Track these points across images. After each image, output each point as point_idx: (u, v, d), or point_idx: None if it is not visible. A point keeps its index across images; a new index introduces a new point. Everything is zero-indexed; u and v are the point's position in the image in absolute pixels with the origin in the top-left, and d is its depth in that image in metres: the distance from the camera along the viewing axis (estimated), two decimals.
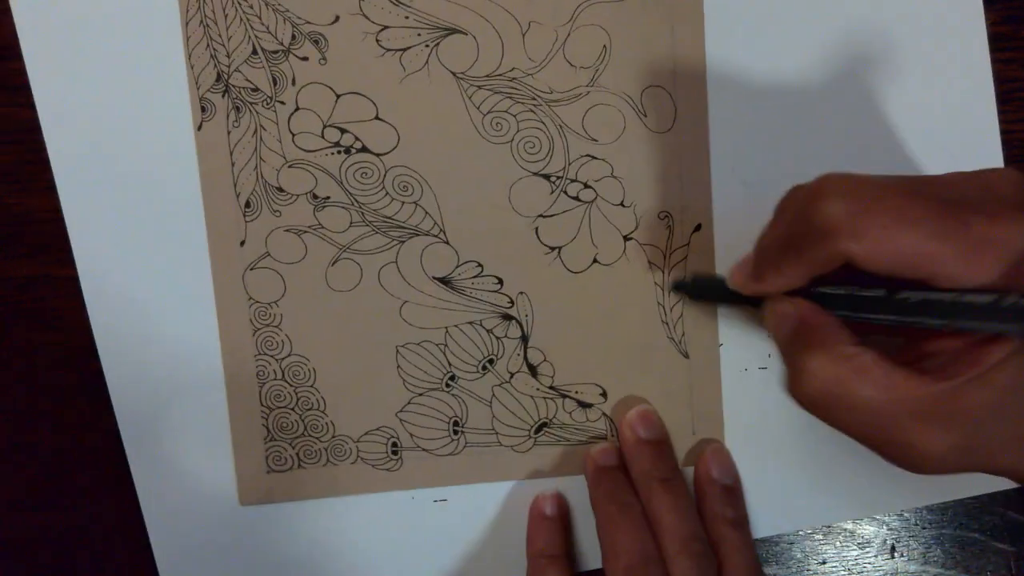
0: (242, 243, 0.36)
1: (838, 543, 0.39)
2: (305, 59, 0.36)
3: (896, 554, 0.39)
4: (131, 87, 0.36)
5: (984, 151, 0.37)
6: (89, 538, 0.39)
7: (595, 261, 0.37)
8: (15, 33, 0.35)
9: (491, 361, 0.37)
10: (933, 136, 0.37)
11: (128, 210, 0.36)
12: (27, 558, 0.39)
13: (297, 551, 0.38)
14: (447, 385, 0.38)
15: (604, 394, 0.38)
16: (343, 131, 0.36)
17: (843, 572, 0.39)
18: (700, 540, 0.34)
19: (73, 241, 0.36)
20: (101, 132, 0.36)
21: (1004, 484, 0.38)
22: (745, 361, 0.38)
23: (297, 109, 0.36)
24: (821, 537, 0.39)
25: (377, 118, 0.36)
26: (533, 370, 0.38)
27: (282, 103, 0.36)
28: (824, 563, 0.39)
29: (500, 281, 0.37)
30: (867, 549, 0.39)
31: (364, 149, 0.36)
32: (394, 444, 0.38)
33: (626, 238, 0.37)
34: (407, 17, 0.35)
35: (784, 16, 0.36)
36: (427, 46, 0.36)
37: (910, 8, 0.36)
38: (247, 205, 0.36)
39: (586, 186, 0.37)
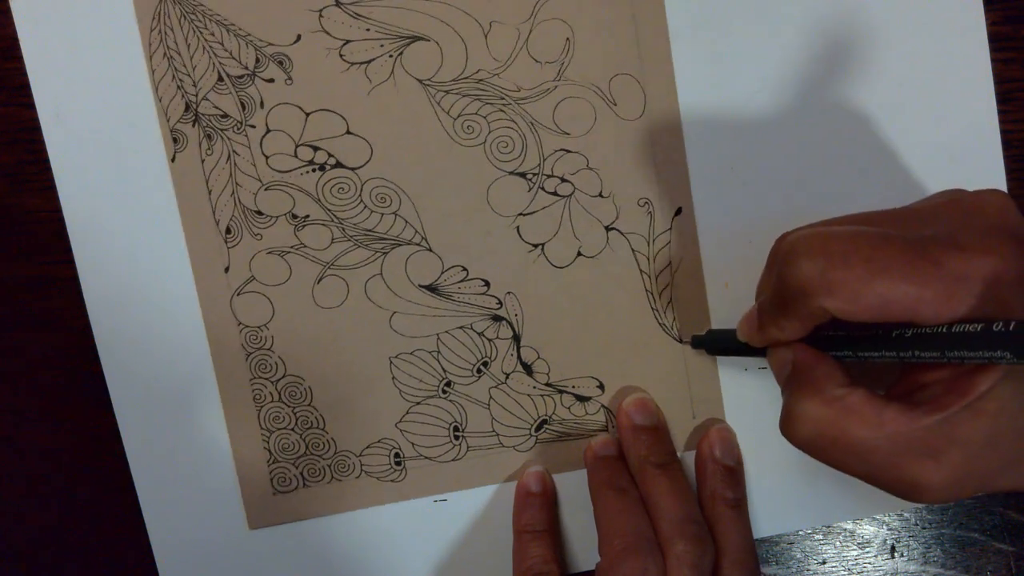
0: (226, 269, 0.37)
1: (838, 543, 0.39)
2: (271, 81, 0.36)
3: (896, 554, 0.39)
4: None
5: (984, 151, 0.37)
6: (89, 538, 0.39)
7: (579, 254, 0.37)
8: (15, 33, 0.35)
9: (485, 363, 0.37)
10: (933, 136, 0.36)
11: (124, 218, 0.36)
12: (27, 558, 0.39)
13: (306, 566, 0.38)
14: (443, 391, 0.38)
15: (601, 386, 0.38)
16: (316, 148, 0.36)
17: (843, 572, 0.39)
18: (696, 523, 0.34)
19: (73, 241, 0.36)
20: (101, 132, 0.36)
21: None
22: (745, 361, 0.37)
23: (268, 131, 0.36)
24: (821, 537, 0.39)
25: (348, 132, 0.36)
26: (528, 369, 0.38)
27: (252, 127, 0.36)
28: (824, 563, 0.39)
29: (487, 283, 0.37)
30: (867, 549, 0.39)
31: (338, 164, 0.36)
32: (396, 455, 0.38)
33: (608, 228, 0.37)
34: (368, 29, 0.35)
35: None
36: (391, 56, 0.36)
37: (909, 8, 0.36)
38: (228, 231, 0.36)
39: (563, 180, 0.37)
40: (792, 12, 0.36)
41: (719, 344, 0.36)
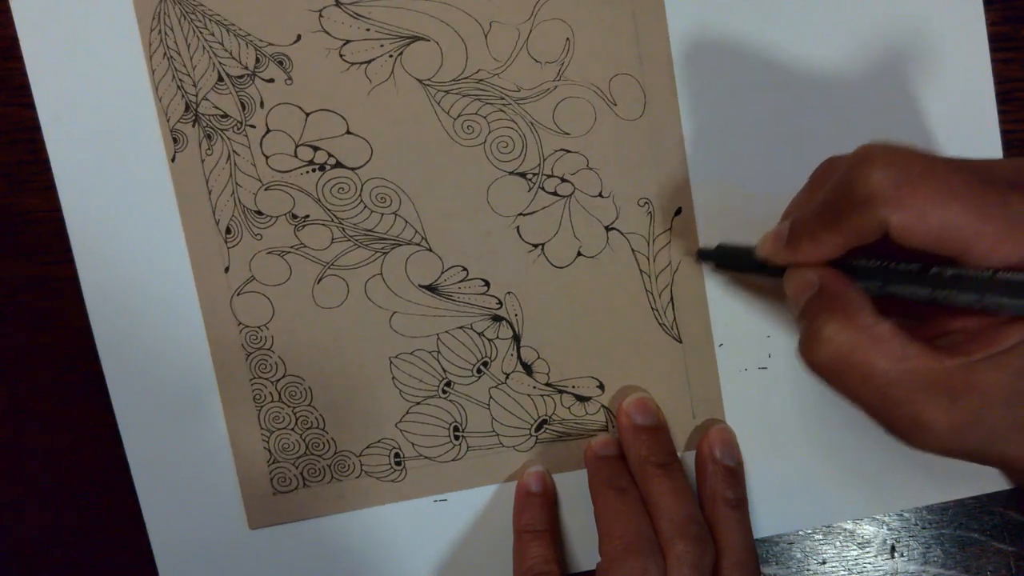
0: (226, 269, 0.37)
1: (838, 543, 0.39)
2: (271, 81, 0.36)
3: (896, 554, 0.39)
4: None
5: (984, 151, 0.37)
6: (89, 538, 0.39)
7: (579, 254, 0.37)
8: (15, 33, 0.35)
9: (485, 364, 0.37)
10: (933, 136, 0.36)
11: (124, 218, 0.36)
12: (27, 558, 0.39)
13: (306, 566, 0.38)
14: (443, 391, 0.38)
15: (601, 386, 0.38)
16: (316, 148, 0.36)
17: (843, 572, 0.39)
18: (697, 523, 0.34)
19: (73, 241, 0.36)
20: (101, 132, 0.36)
21: (1003, 484, 0.38)
22: (745, 361, 0.37)
23: (268, 131, 0.36)
24: (821, 537, 0.39)
25: (348, 132, 0.36)
26: (528, 369, 0.38)
27: (252, 127, 0.36)
28: (824, 563, 0.39)
29: (487, 283, 0.37)
30: (867, 549, 0.39)
31: (338, 164, 0.36)
32: (396, 455, 0.38)
33: (608, 228, 0.37)
34: (368, 29, 0.35)
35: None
36: (391, 56, 0.36)
37: (910, 8, 0.36)
38: (228, 231, 0.36)
39: (563, 180, 0.37)
40: (792, 13, 0.36)
41: (729, 260, 0.34)
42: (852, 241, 0.27)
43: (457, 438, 0.38)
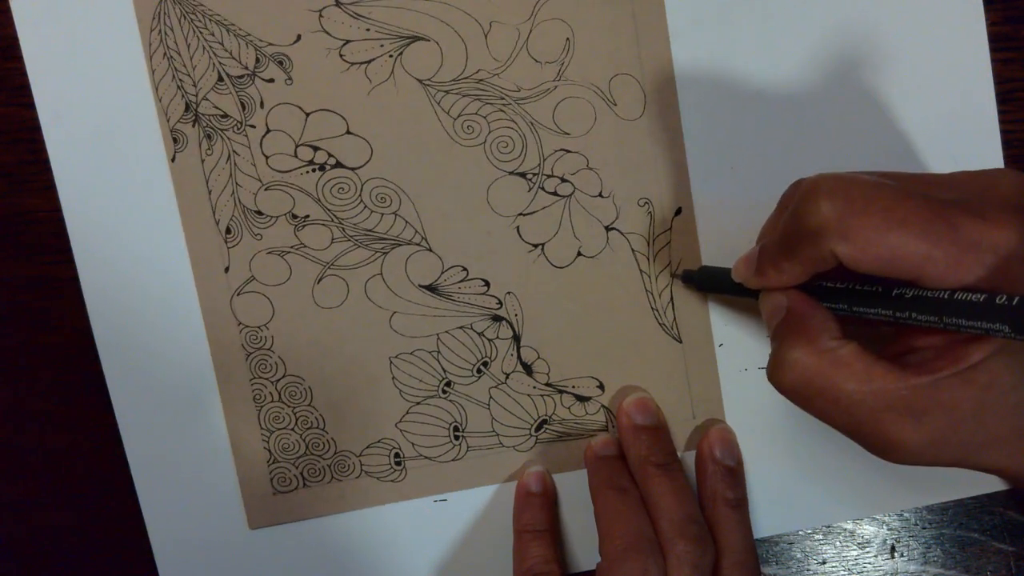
0: (226, 269, 0.37)
1: (838, 543, 0.39)
2: (271, 81, 0.36)
3: (896, 554, 0.39)
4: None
5: (984, 151, 0.37)
6: (89, 538, 0.39)
7: (579, 254, 0.37)
8: (15, 33, 0.35)
9: (485, 364, 0.37)
10: (933, 136, 0.36)
11: (124, 218, 0.36)
12: (27, 558, 0.39)
13: (306, 566, 0.38)
14: (443, 391, 0.38)
15: (601, 386, 0.38)
16: (316, 149, 0.36)
17: (843, 572, 0.39)
18: (697, 523, 0.34)
19: (73, 241, 0.36)
20: (101, 132, 0.36)
21: (1003, 484, 0.38)
22: (745, 361, 0.37)
23: (268, 131, 0.36)
24: (821, 537, 0.39)
25: (348, 132, 0.36)
26: (528, 369, 0.38)
27: (252, 127, 0.36)
28: (824, 563, 0.39)
29: (487, 283, 0.37)
30: (867, 549, 0.39)
31: (338, 164, 0.36)
32: (396, 455, 0.38)
33: (608, 228, 0.37)
34: (368, 29, 0.35)
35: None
36: (391, 56, 0.36)
37: (910, 7, 0.36)
38: (228, 231, 0.36)
39: (563, 180, 0.37)
40: (792, 12, 0.36)
41: (711, 282, 0.35)
42: (810, 269, 0.27)
43: (457, 438, 0.38)
